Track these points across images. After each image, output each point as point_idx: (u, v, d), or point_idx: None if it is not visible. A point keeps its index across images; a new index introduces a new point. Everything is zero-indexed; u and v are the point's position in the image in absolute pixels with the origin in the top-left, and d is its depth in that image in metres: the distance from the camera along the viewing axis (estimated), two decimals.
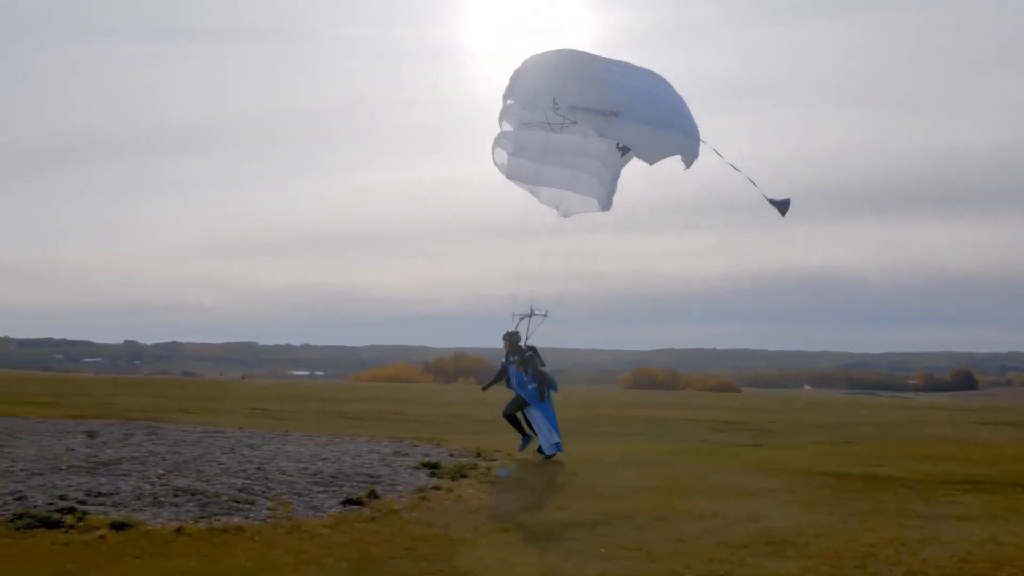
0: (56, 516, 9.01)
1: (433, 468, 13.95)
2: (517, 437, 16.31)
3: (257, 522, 9.49)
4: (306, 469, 13.33)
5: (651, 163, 13.15)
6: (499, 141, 14.31)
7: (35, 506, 9.56)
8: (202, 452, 14.78)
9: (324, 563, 7.84)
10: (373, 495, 11.29)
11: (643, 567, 8.12)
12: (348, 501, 10.88)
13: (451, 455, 15.99)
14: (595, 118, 12.71)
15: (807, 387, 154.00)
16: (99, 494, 10.49)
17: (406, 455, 15.68)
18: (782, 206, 13.01)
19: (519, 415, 16.23)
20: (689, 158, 13.22)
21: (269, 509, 10.21)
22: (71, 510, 9.38)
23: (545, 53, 13.84)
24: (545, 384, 15.87)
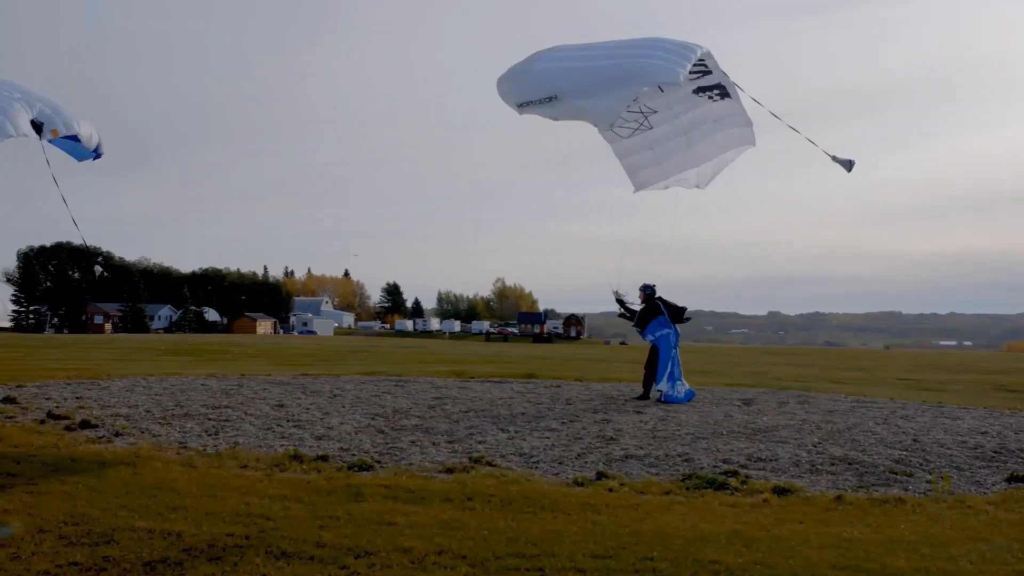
0: (721, 479, 9.65)
1: None
2: None
3: (917, 494, 9.19)
4: (965, 442, 12.64)
5: (608, 127, 13.17)
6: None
7: (702, 468, 10.36)
8: (855, 422, 14.77)
9: (993, 542, 7.30)
10: None
11: None
12: (1013, 478, 10.09)
13: None
14: (540, 108, 12.36)
15: None
16: (759, 459, 11.03)
17: None
18: (847, 165, 12.96)
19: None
20: (666, 84, 12.16)
21: (929, 482, 9.84)
22: (734, 473, 10.00)
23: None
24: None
